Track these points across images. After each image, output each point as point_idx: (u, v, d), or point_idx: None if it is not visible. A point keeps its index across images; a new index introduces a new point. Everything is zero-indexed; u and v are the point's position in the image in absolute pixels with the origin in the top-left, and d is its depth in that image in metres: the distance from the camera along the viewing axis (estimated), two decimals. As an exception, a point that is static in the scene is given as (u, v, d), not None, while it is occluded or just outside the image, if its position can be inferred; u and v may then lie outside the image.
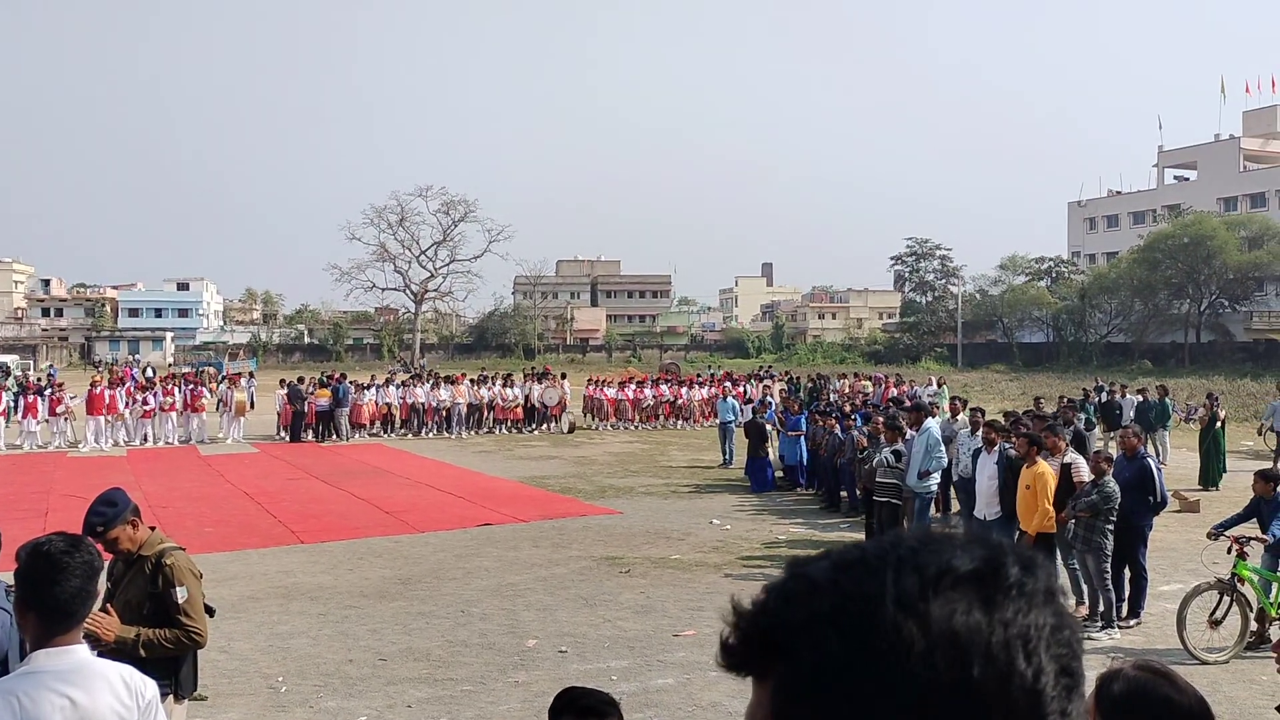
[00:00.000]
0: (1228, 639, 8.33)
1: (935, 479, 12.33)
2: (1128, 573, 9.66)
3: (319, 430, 26.98)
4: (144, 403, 26.06)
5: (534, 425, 29.53)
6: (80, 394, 25.85)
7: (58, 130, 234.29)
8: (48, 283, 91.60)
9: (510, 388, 29.75)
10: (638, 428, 30.51)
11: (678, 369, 47.78)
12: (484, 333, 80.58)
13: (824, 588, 0.72)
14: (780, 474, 18.76)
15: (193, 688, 4.72)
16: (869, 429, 14.77)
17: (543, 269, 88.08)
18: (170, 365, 59.43)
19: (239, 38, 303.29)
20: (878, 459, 12.58)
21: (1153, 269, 58.42)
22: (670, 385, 32.63)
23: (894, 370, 43.61)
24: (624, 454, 23.78)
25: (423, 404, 28.40)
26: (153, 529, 4.63)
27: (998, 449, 10.71)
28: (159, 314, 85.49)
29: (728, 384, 30.60)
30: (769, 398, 25.46)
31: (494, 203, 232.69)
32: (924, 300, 76.22)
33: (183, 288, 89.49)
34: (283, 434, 27.21)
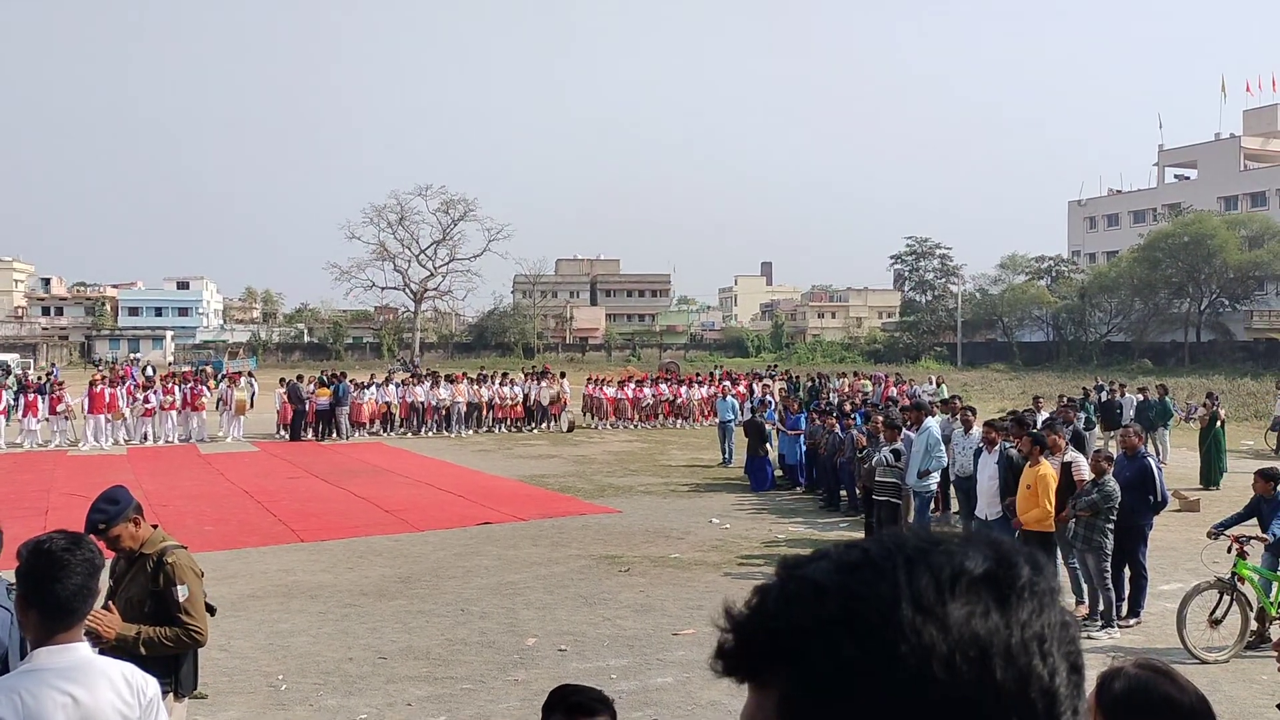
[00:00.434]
0: (1228, 638, 8.33)
1: (934, 478, 12.34)
2: (1128, 572, 9.66)
3: (319, 429, 26.98)
4: (144, 401, 26.07)
5: (533, 424, 29.54)
6: (80, 393, 25.83)
7: (58, 129, 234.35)
8: (48, 281, 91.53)
9: (509, 386, 29.77)
10: (637, 427, 30.51)
11: (677, 368, 47.78)
12: (483, 332, 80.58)
13: (830, 590, 0.70)
14: (780, 473, 18.77)
15: (193, 686, 4.72)
16: (868, 428, 14.77)
17: (542, 268, 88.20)
18: (170, 364, 59.39)
19: (240, 36, 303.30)
20: (877, 458, 12.58)
21: (1153, 268, 58.42)
22: (670, 384, 32.64)
23: (893, 369, 43.63)
24: (623, 453, 23.78)
25: (422, 403, 28.41)
26: (155, 527, 4.63)
27: (998, 448, 10.72)
28: (159, 313, 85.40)
29: (727, 383, 30.60)
30: (768, 397, 25.46)
31: (493, 202, 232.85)
32: (924, 299, 76.21)
33: (183, 286, 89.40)
34: (282, 433, 27.21)
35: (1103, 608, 9.17)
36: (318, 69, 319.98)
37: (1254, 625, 8.42)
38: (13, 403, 26.23)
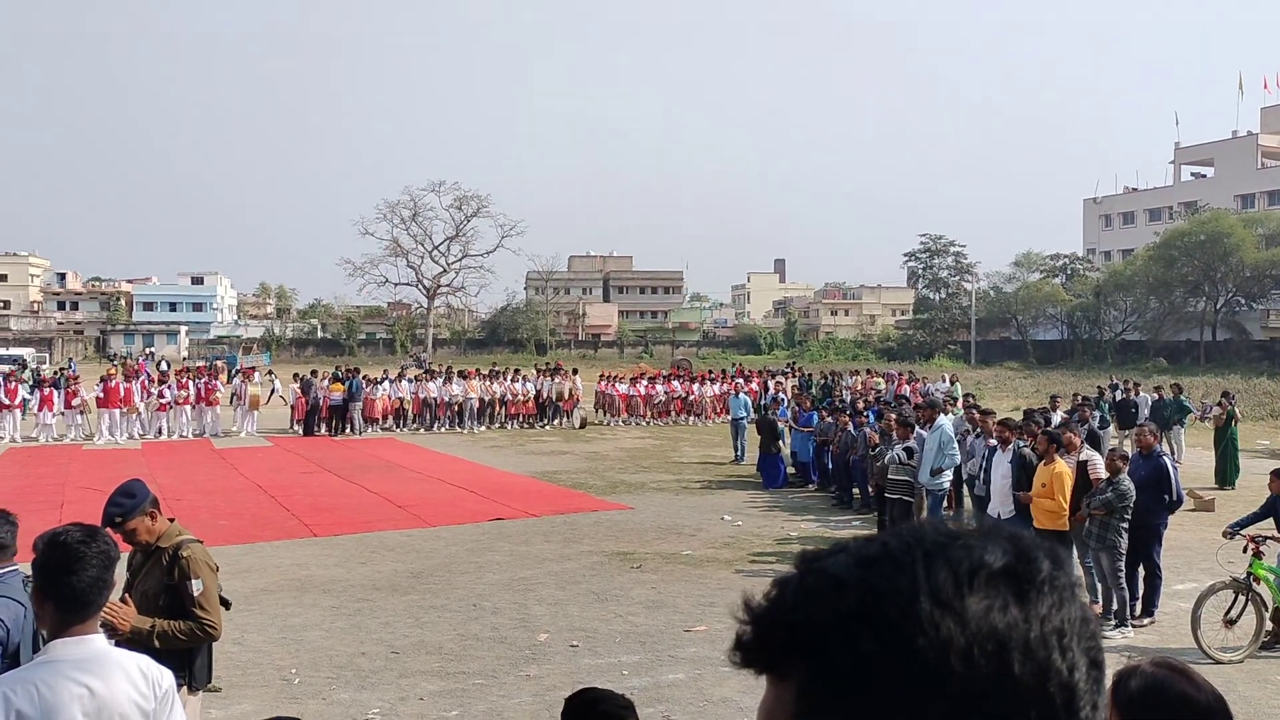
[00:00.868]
0: (1242, 638, 8.29)
1: (947, 476, 12.29)
2: (1142, 571, 9.62)
3: (332, 424, 27.09)
4: (159, 396, 26.22)
5: (545, 420, 29.59)
6: (95, 388, 25.98)
7: (73, 126, 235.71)
8: (63, 276, 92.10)
9: (522, 383, 29.82)
10: (649, 424, 30.52)
11: (689, 365, 47.74)
12: (496, 328, 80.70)
13: (849, 584, 0.70)
14: (792, 470, 18.74)
15: (207, 679, 4.74)
16: (881, 426, 14.73)
17: (555, 264, 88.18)
18: (184, 359, 59.69)
19: (254, 32, 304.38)
20: (890, 456, 12.55)
21: (1169, 266, 58.07)
22: (682, 381, 32.63)
23: (907, 367, 43.50)
24: (635, 450, 23.79)
25: (435, 399, 28.49)
26: (171, 521, 4.66)
27: (1012, 447, 10.67)
28: (173, 308, 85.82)
29: (740, 380, 30.57)
30: (781, 394, 25.43)
31: (506, 198, 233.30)
32: (937, 297, 75.94)
33: (197, 281, 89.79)
34: (296, 428, 27.33)
35: (1116, 607, 9.13)
36: (333, 65, 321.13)
37: (1269, 625, 8.37)
38: (29, 397, 26.42)
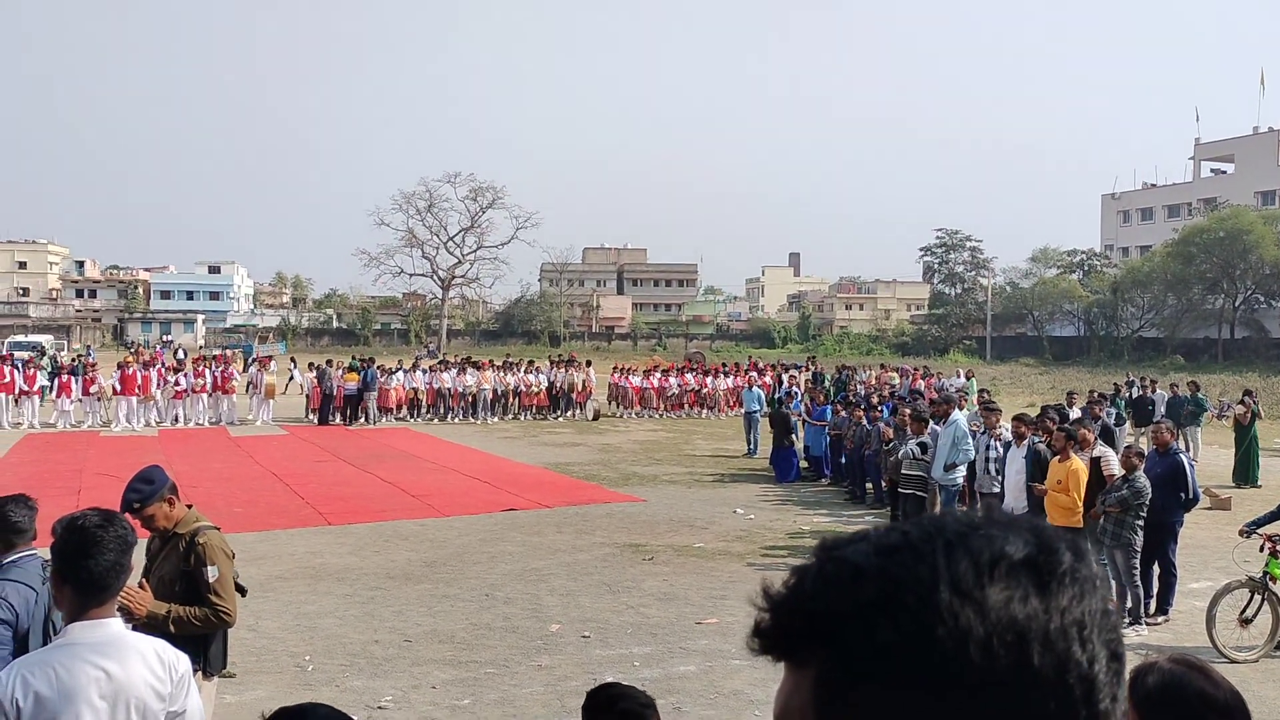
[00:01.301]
0: (1258, 637, 8.24)
1: (961, 471, 12.24)
2: (1157, 569, 9.57)
3: (346, 413, 27.20)
4: (175, 384, 26.38)
5: (558, 412, 29.63)
6: (111, 375, 26.15)
7: (93, 115, 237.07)
8: (82, 264, 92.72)
9: (535, 374, 29.86)
10: (662, 416, 30.53)
11: (702, 358, 47.69)
12: (510, 319, 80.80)
13: (869, 572, 0.70)
14: (805, 465, 18.71)
15: (222, 665, 4.77)
16: (895, 420, 14.69)
17: (569, 256, 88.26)
18: (201, 347, 60.03)
19: (272, 23, 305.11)
20: (903, 451, 12.52)
21: (1187, 263, 57.64)
22: (695, 374, 32.61)
23: (921, 363, 43.34)
24: (648, 442, 23.80)
25: (449, 389, 28.57)
26: (189, 507, 4.68)
27: (1027, 443, 10.63)
28: (190, 296, 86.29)
29: (753, 373, 30.52)
30: (794, 388, 25.37)
31: (522, 190, 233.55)
32: (953, 292, 75.61)
33: (214, 271, 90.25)
34: (311, 417, 27.46)
35: (1130, 605, 9.09)
36: (352, 56, 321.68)
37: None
38: (47, 384, 26.62)
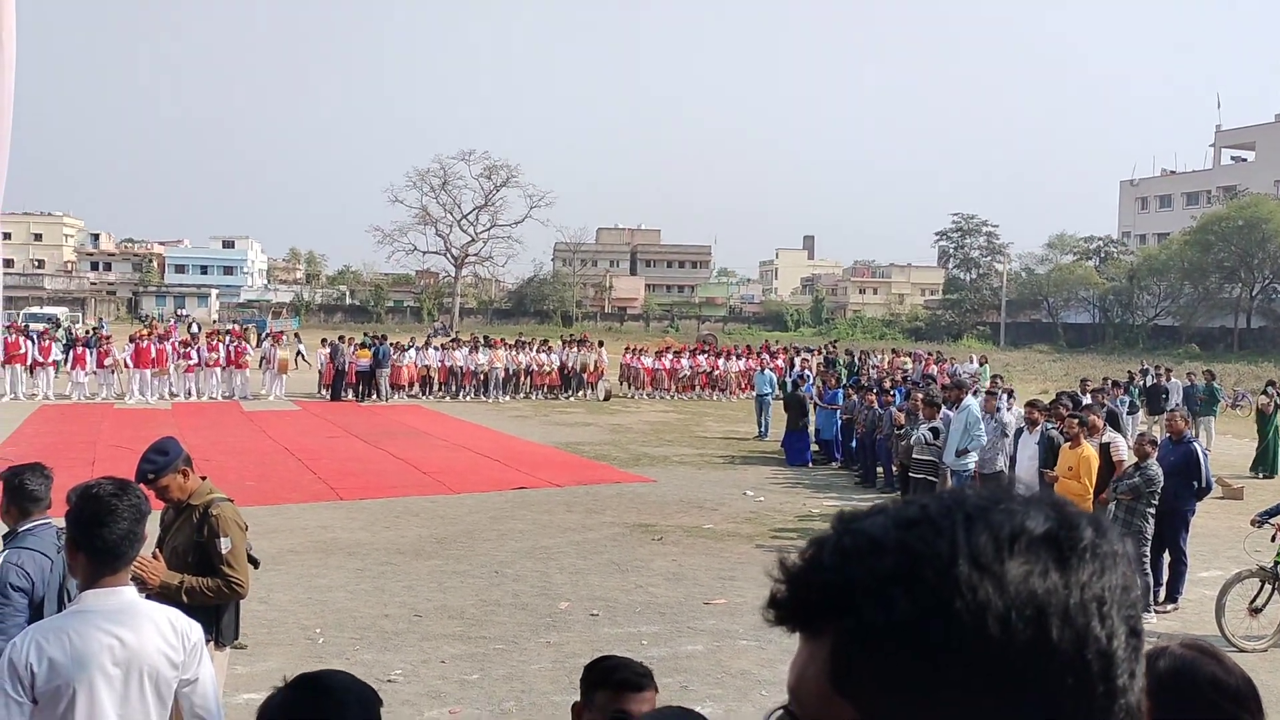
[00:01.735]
0: (1267, 627, 8.23)
1: (973, 456, 12.22)
2: (1167, 557, 9.55)
3: (359, 390, 27.30)
4: (188, 357, 26.51)
5: (570, 392, 29.67)
6: (125, 348, 26.29)
7: (110, 88, 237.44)
8: (97, 237, 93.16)
9: (547, 354, 29.90)
10: (674, 397, 30.53)
11: (715, 340, 47.64)
12: (523, 298, 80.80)
13: (887, 545, 0.69)
14: (816, 448, 18.70)
15: (234, 636, 4.82)
16: (907, 405, 14.66)
17: (583, 236, 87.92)
18: (214, 322, 60.27)
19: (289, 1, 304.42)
20: (915, 435, 12.51)
21: (1205, 251, 57.20)
22: (707, 356, 32.59)
23: (935, 348, 43.18)
24: (659, 423, 23.82)
25: (461, 367, 28.63)
26: (204, 479, 4.71)
27: (1039, 429, 10.60)
28: (204, 271, 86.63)
29: (765, 356, 30.49)
30: (806, 371, 25.34)
31: (536, 169, 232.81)
32: (968, 277, 75.23)
33: (228, 245, 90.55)
34: (323, 392, 27.57)
35: (1139, 592, 9.07)
36: (368, 32, 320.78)
37: (1296, 615, 8.28)
38: (62, 356, 26.77)
